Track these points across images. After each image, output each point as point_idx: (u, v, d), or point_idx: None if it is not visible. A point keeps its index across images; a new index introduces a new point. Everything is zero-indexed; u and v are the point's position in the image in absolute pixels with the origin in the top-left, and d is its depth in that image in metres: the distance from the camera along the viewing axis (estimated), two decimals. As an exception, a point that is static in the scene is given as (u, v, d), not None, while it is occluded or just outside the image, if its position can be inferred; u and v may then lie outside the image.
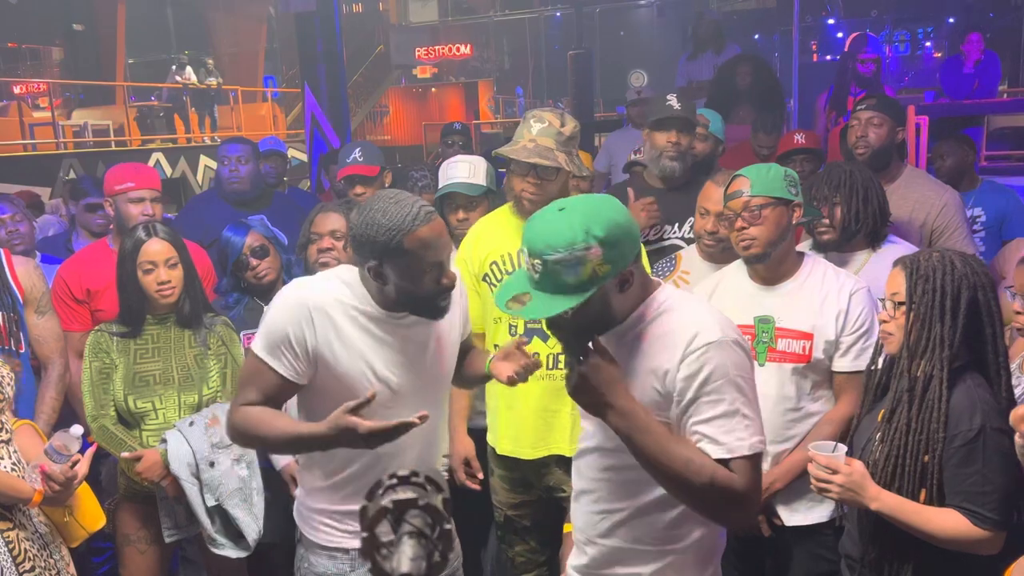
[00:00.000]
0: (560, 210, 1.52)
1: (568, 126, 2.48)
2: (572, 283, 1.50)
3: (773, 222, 2.27)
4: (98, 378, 2.53)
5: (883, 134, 3.07)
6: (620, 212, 1.55)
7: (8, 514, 2.05)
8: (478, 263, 2.62)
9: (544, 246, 1.50)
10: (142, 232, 2.54)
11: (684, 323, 1.58)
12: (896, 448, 1.84)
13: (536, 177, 2.47)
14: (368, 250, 1.77)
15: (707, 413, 1.54)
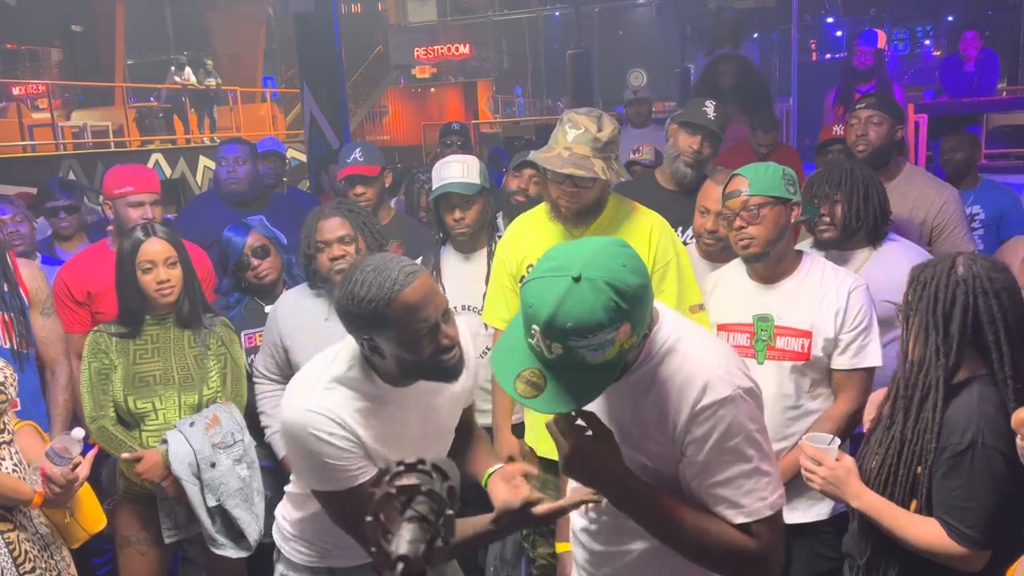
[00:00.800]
0: (576, 280, 1.28)
1: (605, 131, 2.38)
2: (597, 363, 1.33)
3: (772, 221, 2.27)
4: (97, 379, 2.53)
5: (883, 132, 3.08)
6: (636, 264, 1.35)
7: (9, 515, 2.06)
8: (515, 264, 2.61)
9: (566, 331, 1.28)
10: (141, 232, 2.55)
11: (691, 372, 1.44)
12: (891, 457, 1.82)
13: (572, 185, 2.40)
14: (356, 327, 1.66)
15: (723, 474, 1.43)
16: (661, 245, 2.49)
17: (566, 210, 2.47)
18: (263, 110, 16.72)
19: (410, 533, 0.76)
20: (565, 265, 1.30)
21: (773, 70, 9.00)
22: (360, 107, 18.27)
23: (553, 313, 1.27)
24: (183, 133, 14.15)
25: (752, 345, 2.35)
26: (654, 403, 1.46)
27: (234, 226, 2.90)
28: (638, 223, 2.53)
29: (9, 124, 12.44)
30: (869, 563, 1.87)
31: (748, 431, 1.43)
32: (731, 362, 1.48)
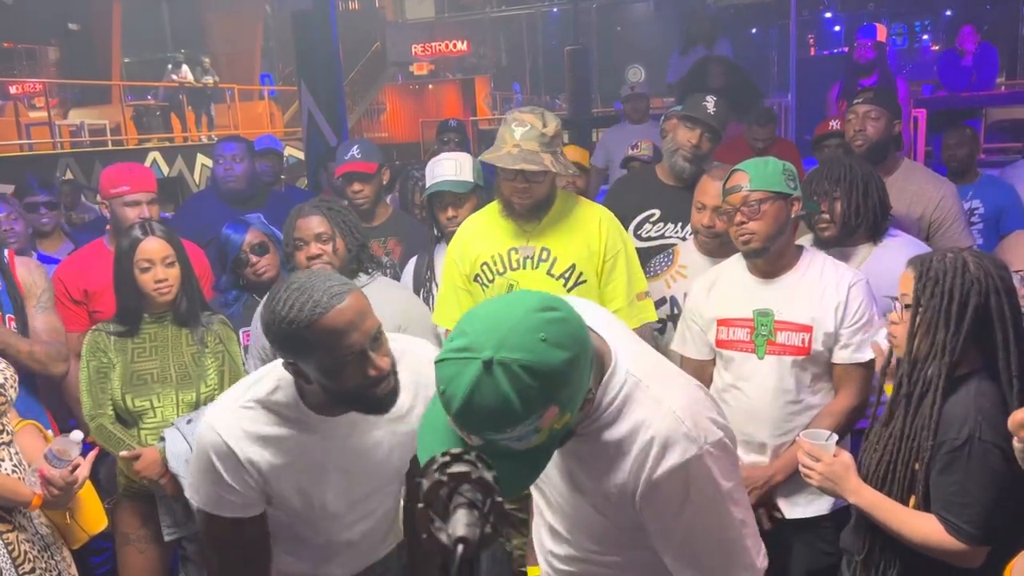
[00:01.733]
0: (487, 366, 1.11)
1: (550, 126, 2.46)
2: (526, 448, 1.18)
3: (772, 216, 2.27)
4: (96, 377, 2.52)
5: (880, 127, 3.07)
6: (560, 331, 1.15)
7: (8, 516, 2.05)
8: (469, 263, 2.62)
9: (479, 426, 1.14)
10: (138, 231, 2.54)
11: (647, 431, 1.29)
12: (889, 453, 1.81)
13: (524, 181, 2.46)
14: (278, 347, 1.53)
15: (696, 545, 1.32)
16: (610, 236, 2.55)
17: (519, 206, 2.51)
18: (261, 108, 16.69)
19: (466, 517, 0.77)
20: (477, 344, 1.13)
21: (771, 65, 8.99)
22: (358, 104, 18.24)
23: (464, 405, 1.12)
24: (180, 131, 14.12)
25: (752, 340, 2.34)
26: (608, 464, 1.32)
27: (232, 224, 2.89)
28: (587, 215, 2.59)
29: (6, 123, 12.40)
30: (867, 560, 1.86)
31: (719, 492, 1.30)
32: (697, 410, 1.33)
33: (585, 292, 2.51)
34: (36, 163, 10.44)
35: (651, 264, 2.86)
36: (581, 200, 2.67)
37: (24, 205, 3.87)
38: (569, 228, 2.56)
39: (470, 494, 0.79)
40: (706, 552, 1.33)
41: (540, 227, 2.56)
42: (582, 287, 2.52)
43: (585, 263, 2.53)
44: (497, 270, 2.57)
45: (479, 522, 0.76)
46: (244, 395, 1.67)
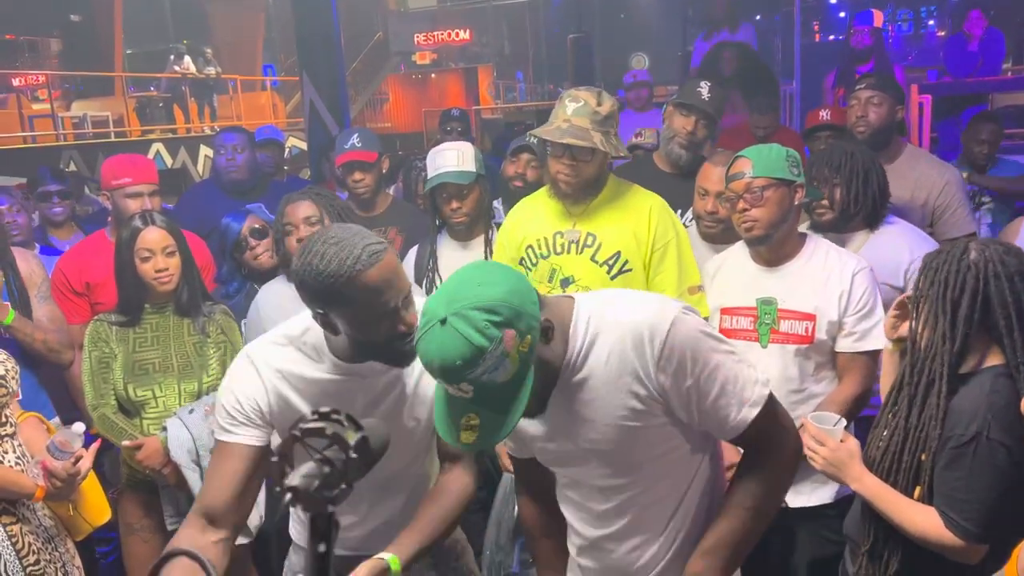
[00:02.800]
0: (441, 323, 1.30)
1: (605, 105, 2.41)
2: (507, 379, 1.33)
3: (775, 203, 2.25)
4: (98, 367, 2.53)
5: (883, 113, 3.04)
6: (489, 274, 1.36)
7: (12, 508, 2.06)
8: (515, 247, 2.60)
9: (458, 370, 1.30)
10: (139, 221, 2.54)
11: (631, 333, 1.45)
12: (895, 443, 1.79)
13: (571, 158, 2.42)
14: (310, 299, 1.58)
15: (714, 388, 1.46)
16: (660, 225, 2.50)
17: (565, 185, 2.47)
18: (263, 99, 16.65)
19: (306, 468, 0.79)
20: (432, 314, 1.33)
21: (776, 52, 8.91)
22: (361, 94, 18.19)
23: (439, 360, 1.30)
24: (183, 123, 14.10)
25: (756, 328, 2.33)
26: (611, 378, 1.47)
27: (232, 213, 2.89)
28: (637, 203, 2.54)
29: (9, 115, 12.40)
30: (872, 550, 1.84)
31: (705, 340, 1.47)
32: (655, 300, 1.53)
33: (631, 281, 2.46)
34: (40, 155, 10.42)
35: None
36: (633, 187, 2.60)
37: (37, 195, 3.87)
38: (617, 214, 2.51)
39: (330, 451, 0.82)
40: (717, 387, 1.47)
41: (588, 211, 2.51)
42: (627, 276, 2.47)
43: (632, 251, 2.48)
44: (541, 253, 2.54)
45: (320, 474, 0.79)
46: (275, 333, 1.75)
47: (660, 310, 1.47)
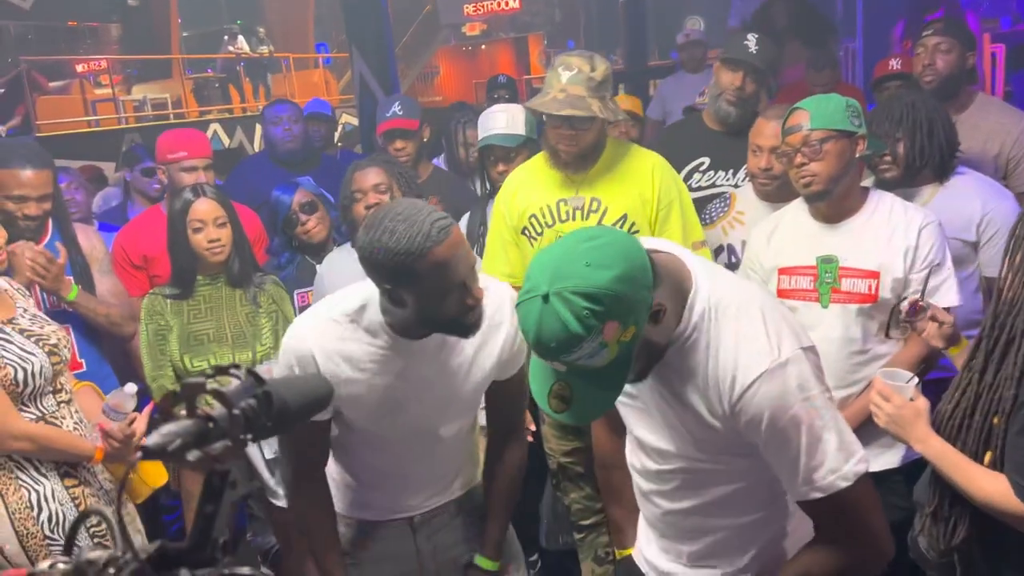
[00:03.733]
0: (545, 300, 1.24)
1: (599, 69, 2.36)
2: (604, 365, 1.28)
3: (835, 156, 2.15)
4: (154, 339, 2.57)
5: (952, 60, 2.88)
6: (603, 255, 1.26)
7: (73, 472, 2.11)
8: (516, 216, 2.56)
9: (553, 352, 1.26)
10: (190, 193, 2.56)
11: (723, 356, 1.35)
12: (966, 402, 1.68)
13: (570, 128, 2.38)
14: (378, 275, 1.58)
15: (785, 453, 1.34)
16: (663, 184, 2.46)
17: (565, 155, 2.42)
18: (316, 76, 16.79)
19: (172, 426, 0.74)
20: (535, 285, 1.26)
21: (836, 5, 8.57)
22: (411, 68, 18.21)
23: (536, 337, 1.26)
24: (239, 102, 14.32)
25: (816, 288, 2.24)
26: (695, 391, 1.39)
27: (282, 185, 2.90)
28: (639, 164, 2.49)
29: (73, 101, 12.74)
30: (936, 513, 1.74)
31: (796, 403, 1.31)
32: (772, 327, 1.36)
33: None
34: (103, 139, 10.71)
35: (707, 210, 2.76)
36: (632, 147, 2.57)
37: (138, 171, 3.92)
38: (620, 177, 2.47)
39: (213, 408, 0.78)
40: (790, 457, 1.35)
41: (589, 177, 2.48)
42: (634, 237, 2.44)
43: (637, 213, 2.45)
44: (546, 222, 2.51)
45: (186, 432, 0.74)
46: (333, 309, 1.71)
47: (767, 344, 1.33)
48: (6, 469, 2.01)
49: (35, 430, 2.02)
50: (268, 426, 0.80)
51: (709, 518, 1.53)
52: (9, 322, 2.05)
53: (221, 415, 0.76)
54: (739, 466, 1.46)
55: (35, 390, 2.02)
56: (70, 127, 11.43)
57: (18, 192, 2.54)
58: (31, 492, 2.02)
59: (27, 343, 2.03)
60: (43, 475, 2.05)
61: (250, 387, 0.80)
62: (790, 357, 1.33)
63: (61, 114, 11.78)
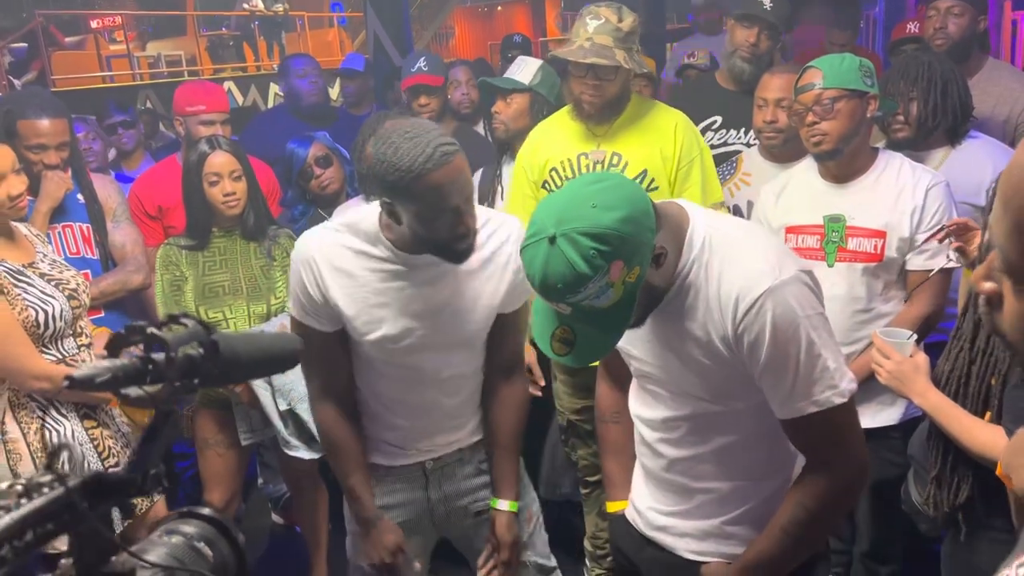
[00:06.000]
0: (551, 241, 1.27)
1: (627, 20, 2.36)
2: (609, 305, 1.31)
3: (847, 116, 2.16)
4: (170, 290, 2.61)
5: (963, 24, 2.86)
6: (609, 196, 1.29)
7: (92, 414, 2.17)
8: (537, 170, 2.57)
9: (559, 292, 1.28)
10: (206, 145, 2.59)
11: (725, 280, 1.38)
12: (961, 364, 1.71)
13: (595, 78, 2.37)
14: (377, 188, 1.63)
15: (785, 370, 1.37)
16: (686, 142, 2.46)
17: (589, 106, 2.42)
18: (331, 35, 16.66)
19: (102, 362, 0.76)
20: (541, 228, 1.29)
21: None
22: (427, 28, 18.02)
23: (542, 279, 1.29)
24: (253, 61, 14.26)
25: (822, 247, 2.26)
26: (699, 322, 1.41)
27: (297, 139, 2.94)
28: (662, 120, 2.49)
29: (88, 56, 12.73)
30: (939, 476, 1.77)
31: (798, 319, 1.35)
32: (771, 253, 1.41)
33: (658, 199, 2.43)
34: (117, 95, 10.65)
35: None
36: (656, 104, 2.56)
37: (105, 128, 4.00)
38: (642, 132, 2.47)
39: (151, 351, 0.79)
40: (790, 373, 1.38)
41: (611, 130, 2.48)
42: (653, 194, 2.42)
43: (658, 169, 2.44)
44: (566, 175, 2.52)
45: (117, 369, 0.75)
46: (333, 221, 1.80)
47: (766, 265, 1.37)
48: (28, 409, 2.08)
49: (56, 371, 2.08)
50: (216, 373, 0.82)
51: (713, 466, 1.56)
52: (30, 266, 2.10)
53: (159, 358, 0.78)
54: (740, 411, 1.49)
55: (55, 333, 2.08)
56: (85, 83, 11.43)
57: (36, 141, 2.58)
58: (52, 432, 2.09)
59: (47, 287, 2.08)
60: (63, 416, 2.12)
61: (196, 334, 0.81)
62: (789, 277, 1.36)
63: (76, 69, 11.78)
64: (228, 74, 12.98)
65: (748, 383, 1.44)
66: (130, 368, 0.76)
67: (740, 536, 1.56)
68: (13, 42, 11.38)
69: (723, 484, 1.57)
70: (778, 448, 1.54)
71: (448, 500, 1.95)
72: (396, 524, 1.90)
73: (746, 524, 1.56)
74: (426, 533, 1.99)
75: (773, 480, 1.56)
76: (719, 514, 1.58)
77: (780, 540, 1.49)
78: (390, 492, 1.92)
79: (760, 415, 1.47)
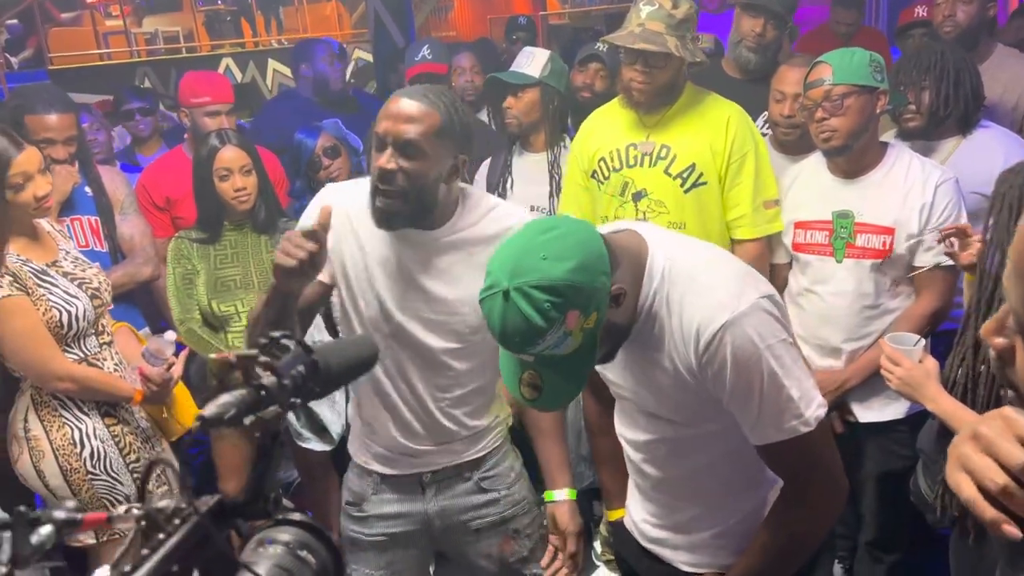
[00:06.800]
0: (504, 297, 1.27)
1: (681, 8, 2.31)
2: (570, 352, 1.32)
3: (856, 111, 2.17)
4: (182, 283, 2.63)
5: (972, 11, 2.86)
6: (560, 245, 1.29)
7: (113, 411, 2.21)
8: (587, 159, 2.56)
9: (519, 345, 1.30)
10: (216, 140, 2.59)
11: (685, 313, 1.38)
12: (972, 364, 1.73)
13: (645, 65, 2.33)
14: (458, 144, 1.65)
15: (750, 400, 1.37)
16: (739, 135, 2.40)
17: (638, 93, 2.39)
18: (328, 9, 16.41)
19: (227, 397, 0.79)
20: (496, 281, 1.30)
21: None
22: (425, 2, 17.84)
23: (500, 331, 1.30)
24: (251, 36, 14.12)
25: (830, 243, 2.28)
26: (665, 352, 1.41)
27: (305, 128, 2.94)
28: (715, 112, 2.44)
29: (85, 33, 12.57)
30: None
31: (760, 351, 1.35)
32: (732, 281, 1.40)
33: (704, 195, 2.40)
34: (115, 72, 10.57)
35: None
36: (711, 95, 2.50)
37: (120, 114, 3.98)
38: (693, 124, 2.43)
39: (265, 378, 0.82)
40: (754, 402, 1.38)
41: (662, 121, 2.44)
42: (701, 189, 2.41)
43: (707, 163, 2.40)
44: (613, 166, 2.49)
45: (241, 402, 0.79)
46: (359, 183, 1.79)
47: (726, 295, 1.36)
48: (51, 408, 2.11)
49: (79, 371, 2.11)
50: (316, 391, 0.86)
51: (697, 484, 1.58)
52: (53, 265, 2.12)
53: (272, 384, 0.81)
54: (716, 432, 1.50)
55: (78, 332, 2.10)
56: (83, 60, 11.34)
57: (44, 136, 2.59)
58: (74, 430, 2.12)
59: (70, 286, 2.10)
60: (85, 414, 2.15)
61: (299, 356, 0.84)
62: (748, 308, 1.36)
63: (73, 47, 11.66)
64: (226, 51, 12.85)
65: (719, 407, 1.44)
66: (248, 399, 0.79)
67: (732, 548, 1.58)
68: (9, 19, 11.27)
69: (709, 499, 1.58)
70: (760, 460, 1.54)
71: (445, 515, 1.91)
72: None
73: (737, 536, 1.58)
74: (422, 547, 1.97)
75: (762, 489, 1.57)
76: (708, 528, 1.60)
77: (760, 560, 1.51)
78: (388, 502, 1.90)
79: (737, 432, 1.47)
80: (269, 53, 12.61)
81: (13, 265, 2.03)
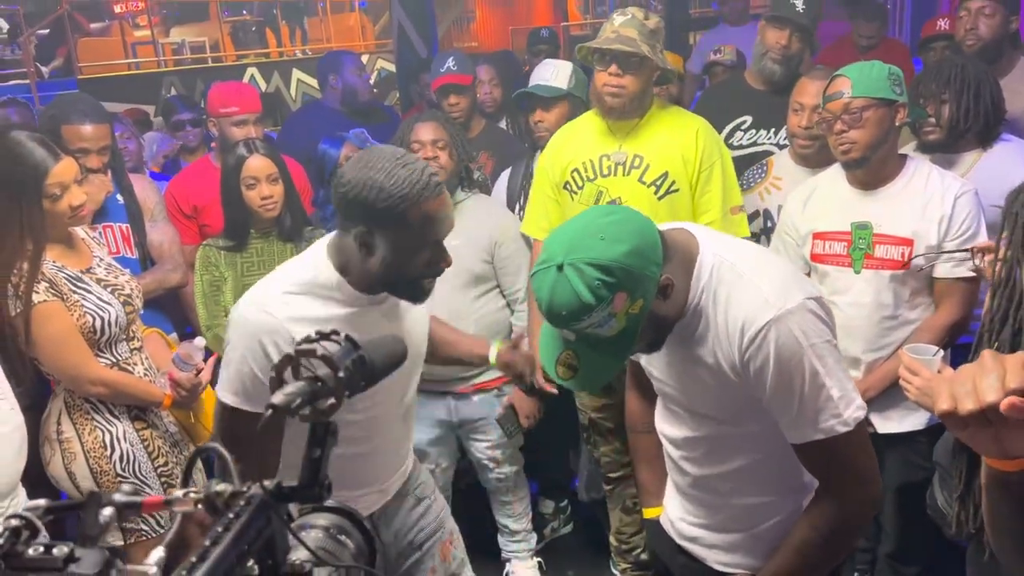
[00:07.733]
0: (559, 269, 1.32)
1: (652, 19, 2.44)
2: (612, 335, 1.36)
3: (875, 124, 2.19)
4: (209, 290, 2.69)
5: (995, 24, 2.87)
6: (618, 230, 1.34)
7: (143, 416, 2.26)
8: (559, 171, 2.61)
9: (564, 318, 1.34)
10: (243, 149, 2.65)
11: (731, 310, 1.41)
12: None
13: (619, 68, 2.42)
14: (360, 214, 1.53)
15: (790, 398, 1.40)
16: (707, 145, 2.50)
17: (612, 98, 2.45)
18: (352, 20, 16.61)
19: (291, 387, 0.83)
20: (551, 255, 1.34)
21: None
22: (447, 13, 17.94)
23: (548, 304, 1.34)
24: (275, 46, 14.29)
25: (849, 254, 2.29)
26: (709, 348, 1.45)
27: (329, 139, 2.99)
28: (683, 124, 2.54)
29: (113, 43, 12.80)
30: (964, 496, 1.77)
31: (802, 349, 1.38)
32: (778, 281, 1.43)
33: (677, 202, 2.49)
34: (142, 81, 10.79)
35: (744, 176, 2.80)
36: (677, 109, 2.63)
37: (171, 124, 4.08)
38: (664, 135, 2.51)
39: (321, 370, 0.86)
40: (795, 401, 1.41)
41: (633, 132, 2.52)
42: (673, 196, 2.49)
43: (678, 172, 2.49)
44: (587, 176, 2.56)
45: (304, 392, 0.83)
46: (284, 283, 1.63)
47: (772, 295, 1.39)
48: (82, 411, 2.17)
49: (111, 376, 2.16)
50: (362, 384, 0.91)
51: (735, 484, 1.61)
52: (87, 271, 2.18)
53: (328, 376, 0.85)
54: (755, 434, 1.53)
55: (110, 338, 2.16)
56: (111, 69, 11.53)
57: (79, 145, 2.65)
58: (105, 433, 2.18)
59: (104, 293, 2.16)
60: (115, 417, 2.20)
61: (349, 351, 0.90)
62: (794, 307, 1.39)
63: (102, 56, 11.88)
64: (251, 60, 13.02)
65: (759, 406, 1.47)
66: (309, 390, 0.84)
67: (766, 550, 1.61)
68: (40, 29, 11.50)
69: (747, 500, 1.61)
70: (800, 465, 1.57)
71: (398, 539, 1.92)
72: None
73: (773, 537, 1.60)
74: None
75: (799, 494, 1.60)
76: (745, 528, 1.63)
77: (793, 560, 1.53)
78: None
79: (778, 435, 1.50)
80: (293, 63, 12.80)
81: (49, 272, 2.08)
